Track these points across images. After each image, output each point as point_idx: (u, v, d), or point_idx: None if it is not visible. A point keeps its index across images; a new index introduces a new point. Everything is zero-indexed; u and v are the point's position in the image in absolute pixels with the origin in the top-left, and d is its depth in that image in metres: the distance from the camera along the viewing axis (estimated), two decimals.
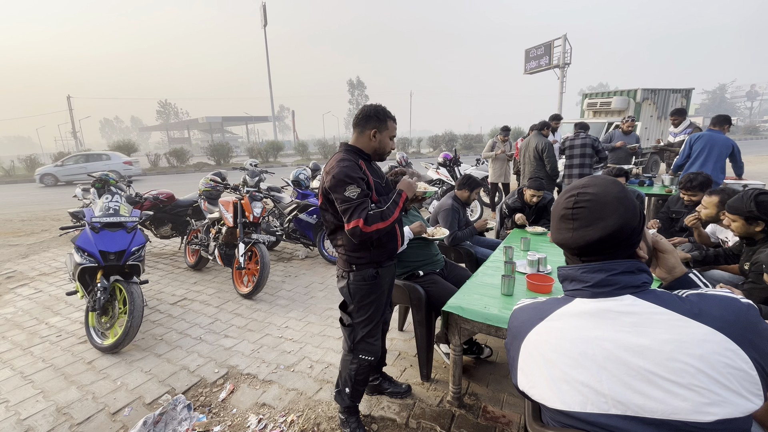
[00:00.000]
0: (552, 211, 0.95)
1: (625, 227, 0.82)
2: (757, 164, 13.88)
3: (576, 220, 0.85)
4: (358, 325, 1.82)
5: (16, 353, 2.83)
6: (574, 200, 0.86)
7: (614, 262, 0.83)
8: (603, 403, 0.76)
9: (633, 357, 0.74)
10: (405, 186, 1.79)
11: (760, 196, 1.97)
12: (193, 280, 4.29)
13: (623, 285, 0.81)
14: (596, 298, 0.82)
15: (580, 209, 0.84)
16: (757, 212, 1.94)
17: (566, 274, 0.90)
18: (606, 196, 0.83)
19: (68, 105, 38.26)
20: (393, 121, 1.80)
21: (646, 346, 0.74)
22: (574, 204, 0.85)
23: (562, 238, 0.88)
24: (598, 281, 0.82)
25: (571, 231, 0.85)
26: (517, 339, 0.92)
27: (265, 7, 26.73)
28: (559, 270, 0.93)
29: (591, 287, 0.83)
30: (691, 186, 3.04)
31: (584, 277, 0.85)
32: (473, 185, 3.27)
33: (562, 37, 17.20)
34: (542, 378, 0.84)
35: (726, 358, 0.70)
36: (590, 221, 0.83)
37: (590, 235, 0.83)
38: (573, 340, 0.81)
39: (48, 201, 10.94)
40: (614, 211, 0.81)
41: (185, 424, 2.03)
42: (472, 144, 27.97)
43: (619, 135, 6.20)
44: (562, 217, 0.88)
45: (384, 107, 1.78)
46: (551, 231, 0.95)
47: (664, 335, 0.74)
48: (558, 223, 0.90)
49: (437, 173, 7.05)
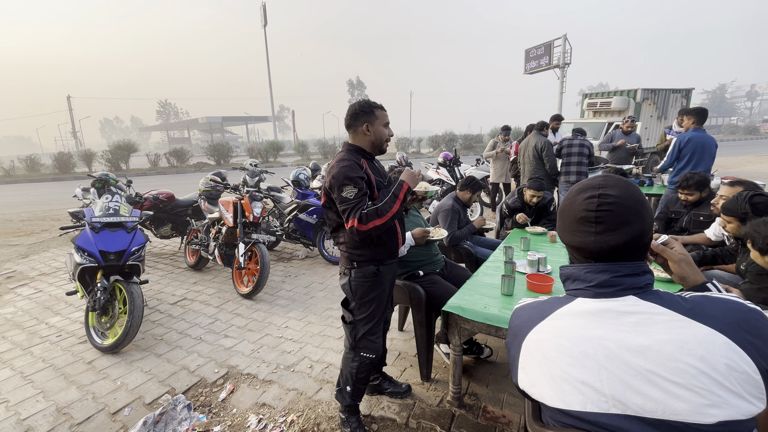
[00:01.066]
0: (564, 212, 0.89)
1: (646, 231, 0.81)
2: (757, 164, 13.88)
3: (600, 223, 0.80)
4: (359, 323, 1.83)
5: (16, 353, 2.82)
6: (597, 202, 0.81)
7: (620, 264, 0.81)
8: (603, 403, 0.76)
9: (634, 357, 0.74)
10: (407, 176, 1.77)
11: (755, 198, 1.99)
12: (193, 280, 4.29)
13: (627, 286, 0.80)
14: (598, 298, 0.82)
15: (604, 212, 0.80)
16: (752, 214, 1.96)
17: (569, 273, 0.89)
18: (629, 200, 0.80)
19: (68, 105, 38.30)
20: (381, 109, 1.80)
21: (647, 345, 0.74)
22: (597, 206, 0.81)
23: (581, 241, 0.83)
24: (602, 282, 0.81)
25: (593, 235, 0.81)
26: (518, 338, 0.92)
27: (265, 7, 26.75)
28: (561, 269, 0.92)
29: (594, 287, 0.82)
30: (687, 185, 3.06)
31: (588, 277, 0.84)
32: (476, 187, 3.27)
33: (562, 37, 17.22)
34: (542, 377, 0.84)
35: (728, 360, 0.69)
36: (615, 225, 0.79)
37: (615, 240, 0.80)
38: (574, 339, 0.81)
39: (48, 201, 10.93)
40: (638, 215, 0.80)
41: (185, 424, 2.03)
42: (472, 144, 27.97)
43: (620, 135, 6.22)
44: (582, 219, 0.83)
45: (367, 100, 1.80)
46: (562, 232, 0.90)
47: (665, 335, 0.73)
48: (575, 225, 0.85)
49: (437, 173, 7.05)
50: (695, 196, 3.06)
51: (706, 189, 3.07)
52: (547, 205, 3.62)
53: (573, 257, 0.91)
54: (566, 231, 0.88)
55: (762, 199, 1.99)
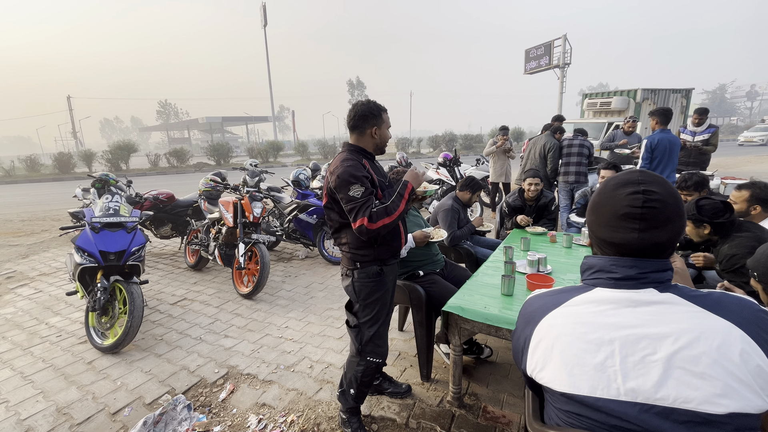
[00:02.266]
0: (601, 206, 0.86)
1: (683, 229, 0.83)
2: (758, 164, 13.88)
3: (645, 220, 0.79)
4: (364, 325, 1.82)
5: (16, 353, 2.82)
6: (643, 198, 0.79)
7: (649, 261, 0.81)
8: (614, 389, 0.76)
9: (649, 345, 0.75)
10: (411, 177, 1.79)
11: (701, 201, 2.16)
12: (193, 280, 4.28)
13: (650, 280, 0.80)
14: (618, 289, 0.82)
15: (650, 209, 0.79)
16: (699, 215, 2.13)
17: (593, 264, 0.87)
18: (671, 198, 0.80)
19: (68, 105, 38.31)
20: (385, 112, 1.82)
21: (664, 334, 0.74)
22: (643, 203, 0.79)
23: (623, 237, 0.81)
24: (627, 275, 0.81)
25: (637, 231, 0.80)
26: (531, 324, 0.91)
27: (265, 7, 26.74)
28: (585, 259, 0.90)
29: (618, 279, 0.82)
30: (686, 185, 3.03)
31: (613, 269, 0.83)
32: (475, 187, 3.27)
33: (562, 37, 17.21)
34: (553, 361, 0.83)
35: (743, 351, 0.70)
36: (660, 222, 0.79)
37: (659, 237, 0.79)
38: (590, 325, 0.81)
39: (48, 201, 10.93)
40: (679, 212, 0.80)
41: (185, 424, 2.03)
42: (472, 144, 27.97)
43: (621, 135, 6.21)
44: (626, 216, 0.80)
45: (374, 102, 1.79)
46: (599, 227, 0.86)
47: (683, 324, 0.74)
48: (617, 221, 0.82)
49: (437, 173, 7.05)
50: (694, 196, 3.04)
51: (705, 189, 3.06)
52: (548, 205, 3.61)
53: (602, 251, 0.88)
54: (605, 227, 0.85)
55: (706, 202, 2.14)
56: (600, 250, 0.89)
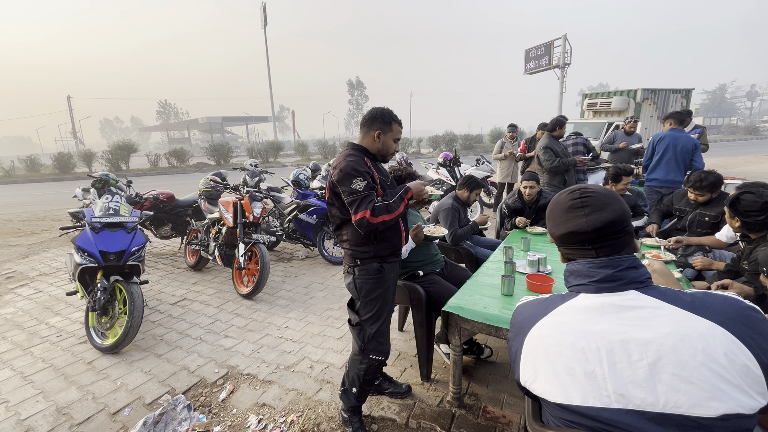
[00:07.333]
0: (552, 211, 0.98)
1: (628, 213, 0.90)
2: (757, 164, 13.88)
3: (587, 206, 0.89)
4: (366, 323, 1.83)
5: (16, 353, 2.82)
6: (580, 193, 0.92)
7: (620, 258, 0.85)
8: (605, 397, 0.76)
9: (636, 350, 0.75)
10: (414, 186, 1.82)
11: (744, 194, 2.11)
12: (193, 281, 4.28)
13: (629, 280, 0.83)
14: (601, 293, 0.84)
15: (588, 198, 0.90)
16: (733, 207, 2.12)
17: (572, 269, 0.92)
18: (603, 189, 0.92)
19: (68, 105, 38.33)
20: (398, 124, 1.86)
21: (649, 339, 0.75)
22: (581, 195, 0.91)
23: (575, 224, 0.90)
24: (605, 276, 0.84)
25: (584, 216, 0.89)
26: (521, 334, 0.93)
27: (265, 7, 26.72)
28: (567, 266, 0.96)
29: (597, 282, 0.85)
30: (701, 186, 2.92)
31: (591, 272, 0.87)
32: (473, 186, 3.27)
33: (562, 37, 17.19)
34: (544, 372, 0.84)
35: (728, 352, 0.70)
36: (601, 206, 0.88)
37: (605, 217, 0.87)
38: (577, 334, 0.82)
39: (48, 201, 10.94)
40: (616, 199, 0.90)
41: (185, 425, 2.03)
42: (472, 144, 27.97)
43: (622, 135, 6.20)
44: (571, 207, 0.92)
45: (390, 110, 1.84)
46: (554, 228, 0.97)
47: (667, 329, 0.74)
48: (565, 215, 0.93)
49: (437, 173, 7.05)
50: (706, 197, 2.96)
51: (718, 191, 2.97)
52: (547, 206, 3.61)
53: (570, 252, 0.95)
54: (558, 224, 0.95)
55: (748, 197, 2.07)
56: (567, 251, 0.96)
